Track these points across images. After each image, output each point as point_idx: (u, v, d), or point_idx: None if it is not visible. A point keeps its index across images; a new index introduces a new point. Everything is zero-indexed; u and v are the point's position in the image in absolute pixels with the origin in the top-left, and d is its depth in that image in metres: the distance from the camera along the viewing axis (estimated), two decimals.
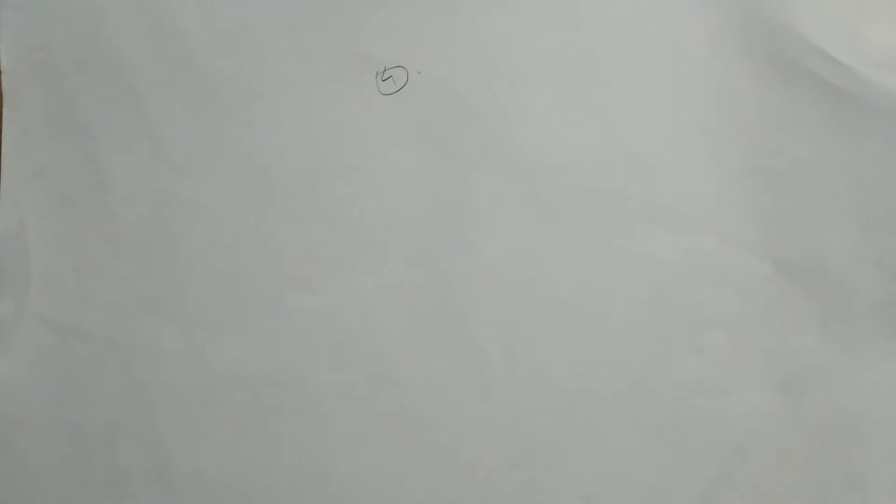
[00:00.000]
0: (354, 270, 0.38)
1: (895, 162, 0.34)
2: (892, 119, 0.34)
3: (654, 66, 0.36)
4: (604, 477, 0.36)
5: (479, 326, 0.37)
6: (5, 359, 0.39)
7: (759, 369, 0.35)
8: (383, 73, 0.38)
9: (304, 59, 0.38)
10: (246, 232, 0.38)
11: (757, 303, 0.35)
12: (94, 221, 0.39)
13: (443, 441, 0.37)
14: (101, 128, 0.39)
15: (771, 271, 0.35)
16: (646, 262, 0.36)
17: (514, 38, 0.37)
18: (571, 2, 0.36)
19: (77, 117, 0.39)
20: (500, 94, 0.37)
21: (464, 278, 0.37)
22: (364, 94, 0.38)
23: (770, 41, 0.35)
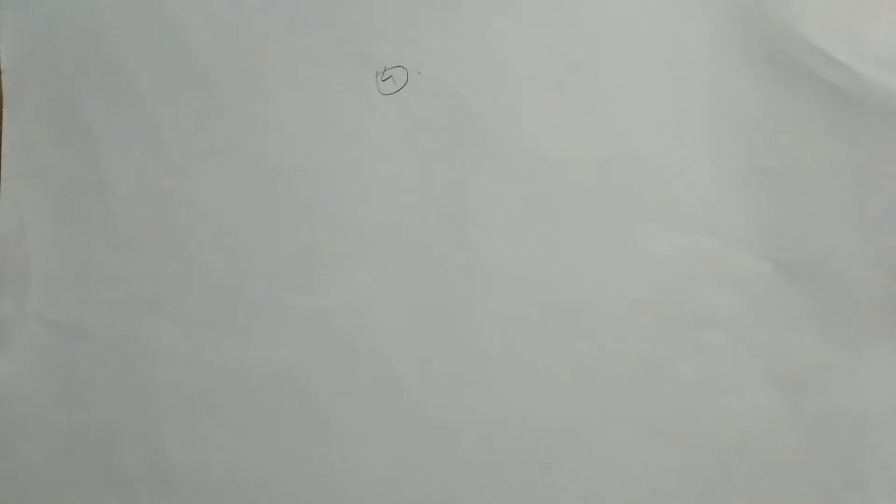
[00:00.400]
0: (354, 270, 0.38)
1: (894, 161, 0.34)
2: (892, 119, 0.34)
3: (653, 66, 0.36)
4: (603, 477, 0.36)
5: (479, 326, 0.37)
6: (5, 359, 0.39)
7: (758, 369, 0.35)
8: (383, 73, 0.38)
9: (304, 59, 0.38)
10: (246, 232, 0.38)
11: (757, 302, 0.35)
12: (95, 221, 0.39)
13: (442, 441, 0.37)
14: (102, 128, 0.39)
15: (770, 271, 0.35)
16: (645, 262, 0.36)
17: (515, 37, 0.37)
18: (571, 2, 0.36)
19: (77, 117, 0.39)
20: (499, 93, 0.37)
21: (463, 278, 0.37)
22: (364, 94, 0.38)
23: (770, 41, 0.35)
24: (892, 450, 0.34)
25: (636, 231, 0.36)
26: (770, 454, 0.35)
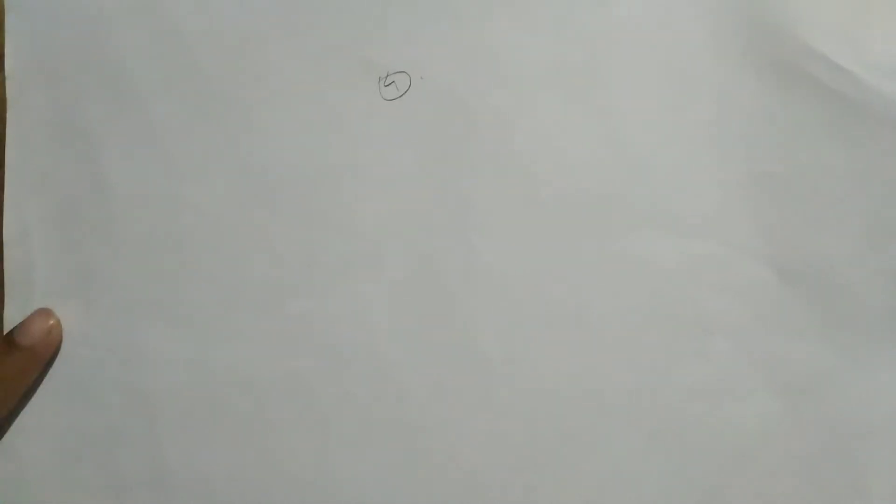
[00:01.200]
0: (356, 275, 0.38)
1: None
2: (894, 124, 0.34)
3: (655, 72, 0.36)
4: (605, 482, 0.36)
5: (480, 332, 0.37)
6: None
7: (761, 375, 0.35)
8: (386, 78, 0.38)
9: (307, 64, 0.38)
10: (247, 236, 0.38)
11: (759, 309, 0.35)
12: (97, 226, 0.39)
13: (443, 446, 0.37)
14: (105, 132, 0.39)
15: (773, 277, 0.35)
16: (648, 268, 0.36)
17: (516, 43, 0.37)
18: (573, 7, 0.37)
19: (81, 122, 0.39)
20: (502, 99, 0.37)
21: (465, 284, 0.37)
22: (366, 99, 0.38)
23: (772, 46, 0.35)
24: (893, 455, 0.34)
25: (638, 237, 0.36)
26: (772, 460, 0.35)
